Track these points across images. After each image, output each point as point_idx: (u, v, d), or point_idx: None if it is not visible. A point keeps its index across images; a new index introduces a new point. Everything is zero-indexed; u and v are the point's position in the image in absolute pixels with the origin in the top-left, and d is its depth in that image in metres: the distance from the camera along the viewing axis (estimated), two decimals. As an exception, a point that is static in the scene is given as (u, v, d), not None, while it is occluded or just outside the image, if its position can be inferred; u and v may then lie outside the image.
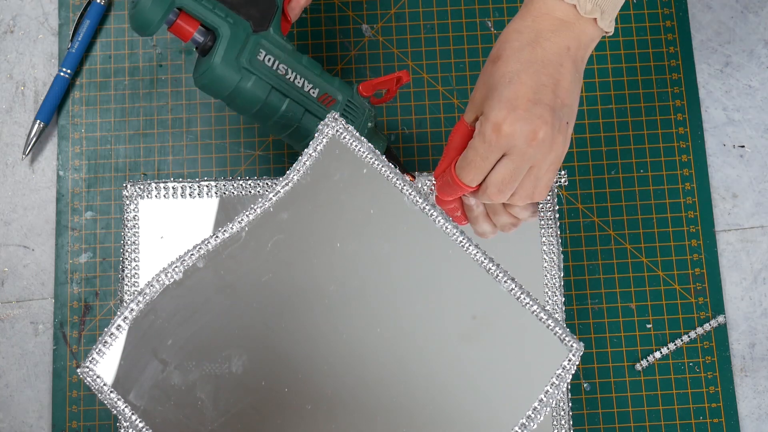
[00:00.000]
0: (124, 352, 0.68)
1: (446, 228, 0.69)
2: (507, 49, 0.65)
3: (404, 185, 0.69)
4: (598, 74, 0.84)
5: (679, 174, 0.82)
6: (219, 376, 0.68)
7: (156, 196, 0.74)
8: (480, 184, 0.66)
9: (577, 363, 0.68)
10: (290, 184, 0.70)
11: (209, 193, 0.74)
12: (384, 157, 0.70)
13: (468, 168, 0.66)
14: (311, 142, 0.70)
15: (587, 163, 0.82)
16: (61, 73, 0.83)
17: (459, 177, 0.66)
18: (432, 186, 0.74)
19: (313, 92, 0.71)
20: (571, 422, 0.73)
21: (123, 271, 0.73)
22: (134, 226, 0.74)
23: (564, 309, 0.73)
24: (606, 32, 0.66)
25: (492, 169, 0.65)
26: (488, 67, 0.66)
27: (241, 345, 0.69)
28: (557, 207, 0.75)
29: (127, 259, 0.73)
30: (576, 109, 0.66)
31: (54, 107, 0.83)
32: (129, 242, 0.73)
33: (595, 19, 0.65)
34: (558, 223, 0.74)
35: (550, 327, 0.68)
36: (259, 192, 0.74)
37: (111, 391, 0.68)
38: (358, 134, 0.70)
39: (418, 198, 0.70)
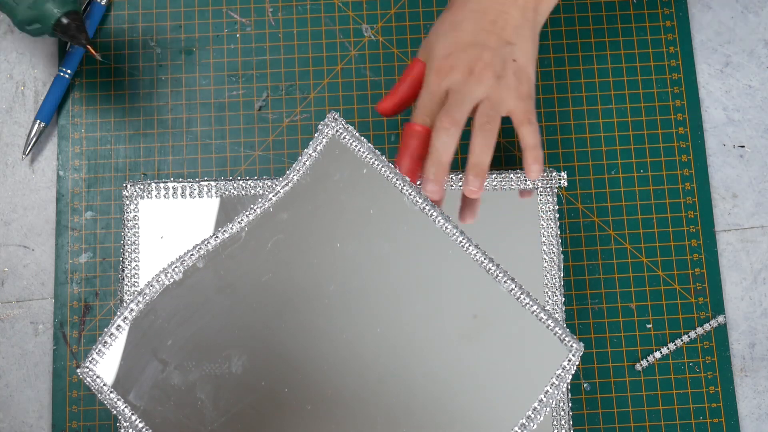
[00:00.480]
0: (124, 353, 0.68)
1: (446, 228, 0.69)
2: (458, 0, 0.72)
3: (404, 185, 0.69)
4: (599, 74, 0.84)
5: (679, 174, 0.82)
6: (219, 376, 0.68)
7: (156, 196, 0.74)
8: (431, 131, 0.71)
9: (577, 363, 0.68)
10: (290, 184, 0.70)
11: (209, 193, 0.74)
12: (384, 157, 0.70)
13: (419, 110, 0.71)
14: (311, 142, 0.70)
15: (587, 163, 0.82)
16: (61, 73, 0.83)
17: (414, 119, 0.71)
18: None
19: None
20: (571, 422, 0.73)
21: (123, 271, 0.73)
22: (134, 226, 0.74)
23: (564, 309, 0.73)
24: None
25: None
26: (442, 14, 0.74)
27: (241, 345, 0.69)
28: (557, 207, 0.75)
29: (127, 259, 0.73)
30: (528, 50, 0.72)
31: (54, 107, 0.83)
32: (129, 242, 0.73)
33: None
34: (558, 223, 0.74)
35: (550, 327, 0.68)
36: (259, 192, 0.74)
37: (111, 391, 0.68)
38: (358, 134, 0.70)
39: (418, 198, 0.70)
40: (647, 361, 0.79)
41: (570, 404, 0.72)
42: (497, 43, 0.70)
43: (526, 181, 0.74)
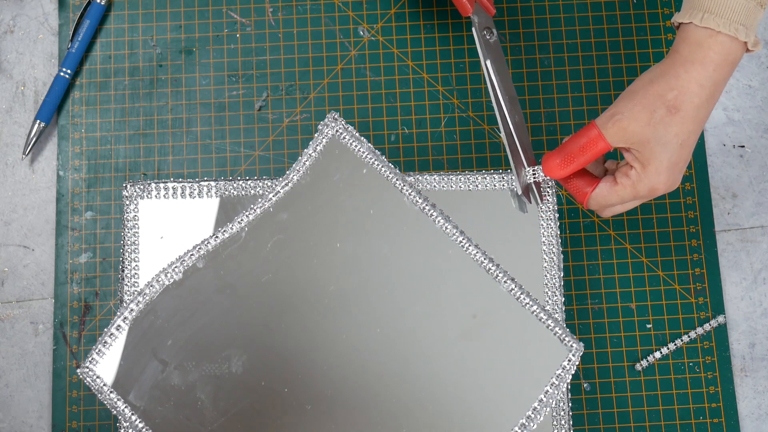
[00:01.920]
0: (124, 353, 0.68)
1: (446, 228, 0.69)
2: (687, 104, 0.64)
3: (404, 185, 0.69)
4: (599, 75, 0.84)
5: (679, 174, 0.82)
6: (219, 376, 0.68)
7: (156, 196, 0.74)
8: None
9: (577, 363, 0.68)
10: (290, 185, 0.70)
11: (209, 193, 0.74)
12: (384, 157, 0.70)
13: (603, 208, 0.69)
14: (311, 142, 0.70)
15: (587, 163, 0.82)
16: (61, 73, 0.83)
17: (589, 204, 0.69)
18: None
19: None
20: (571, 422, 0.73)
21: (123, 271, 0.73)
22: (134, 226, 0.74)
23: (564, 309, 0.73)
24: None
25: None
26: (662, 114, 0.63)
27: (241, 345, 0.69)
28: (557, 207, 0.74)
29: (127, 259, 0.73)
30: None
31: (54, 107, 0.83)
32: (129, 242, 0.73)
33: (746, 43, 0.64)
34: (558, 223, 0.74)
35: (550, 327, 0.68)
36: (259, 192, 0.74)
37: (111, 392, 0.68)
38: (357, 134, 0.70)
39: (418, 198, 0.70)
40: (647, 361, 0.79)
41: (570, 404, 0.72)
42: (692, 146, 0.65)
43: (530, 179, 0.74)
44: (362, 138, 0.70)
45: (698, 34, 0.64)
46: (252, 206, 0.70)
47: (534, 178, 0.72)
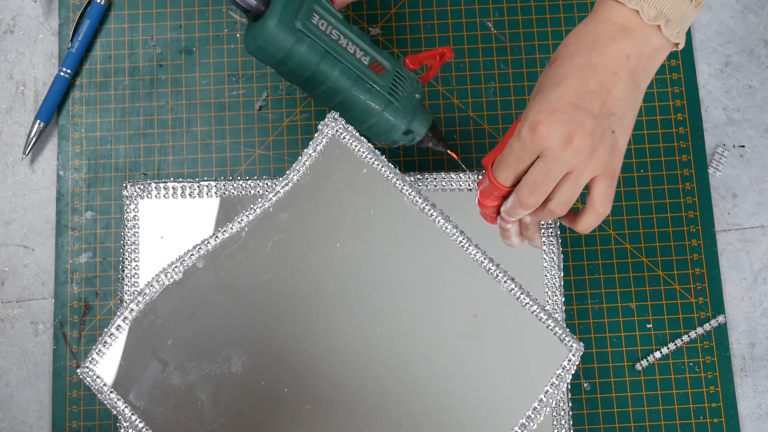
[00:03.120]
0: (124, 352, 0.68)
1: (446, 228, 0.69)
2: (563, 52, 0.64)
3: (404, 185, 0.69)
4: (598, 74, 0.84)
5: (679, 174, 0.82)
6: (219, 376, 0.68)
7: (156, 196, 0.74)
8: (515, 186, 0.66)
9: (577, 363, 0.68)
10: (290, 184, 0.70)
11: (209, 193, 0.74)
12: (384, 157, 0.70)
13: (503, 166, 0.65)
14: (311, 142, 0.70)
15: (587, 163, 0.82)
16: (61, 73, 0.83)
17: (494, 175, 0.66)
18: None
19: (365, 59, 0.69)
20: (571, 422, 0.73)
21: (123, 271, 0.73)
22: (134, 226, 0.74)
23: (564, 309, 0.73)
24: (675, 44, 0.64)
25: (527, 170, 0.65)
26: (545, 69, 0.65)
27: (241, 345, 0.69)
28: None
29: (127, 259, 0.73)
30: (629, 120, 0.64)
31: (54, 107, 0.83)
32: (129, 242, 0.73)
33: (659, 26, 0.63)
34: (558, 223, 0.74)
35: (550, 327, 0.68)
36: (259, 192, 0.74)
37: (111, 391, 0.68)
38: (357, 134, 0.70)
39: (418, 198, 0.70)
40: (647, 361, 0.79)
41: (570, 404, 0.72)
42: (600, 110, 0.62)
43: None
44: (362, 138, 0.70)
45: (602, 2, 0.65)
46: (252, 206, 0.70)
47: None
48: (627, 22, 0.63)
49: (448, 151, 0.74)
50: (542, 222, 0.74)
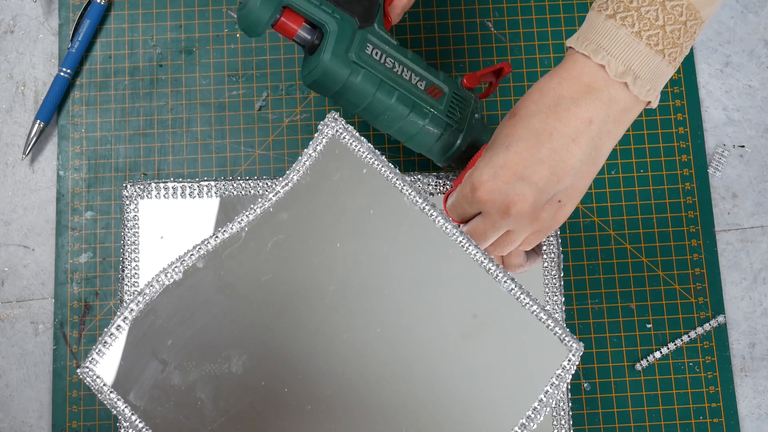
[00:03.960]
0: (124, 353, 0.68)
1: (446, 228, 0.69)
2: (522, 109, 0.61)
3: (404, 185, 0.69)
4: (598, 74, 0.84)
5: (679, 174, 0.82)
6: (219, 376, 0.68)
7: (156, 196, 0.74)
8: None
9: (577, 363, 0.68)
10: (290, 184, 0.70)
11: (209, 193, 0.74)
12: (384, 157, 0.70)
13: (452, 208, 0.68)
14: (311, 142, 0.70)
15: (587, 163, 0.82)
16: (61, 73, 0.83)
17: (447, 210, 0.69)
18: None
19: (421, 84, 0.70)
20: (571, 422, 0.73)
21: (123, 271, 0.73)
22: (134, 226, 0.74)
23: (564, 309, 0.73)
24: (647, 102, 0.60)
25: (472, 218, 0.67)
26: (505, 119, 0.63)
27: (241, 345, 0.69)
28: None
29: (127, 259, 0.73)
30: (582, 188, 0.62)
31: (54, 107, 0.83)
32: (129, 242, 0.73)
33: (626, 84, 0.58)
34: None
35: (550, 327, 0.68)
36: (259, 192, 0.74)
37: (111, 392, 0.68)
38: (358, 134, 0.70)
39: (418, 198, 0.70)
40: (647, 361, 0.79)
41: (570, 404, 0.72)
42: (547, 182, 0.60)
43: None
44: (362, 138, 0.70)
45: (570, 54, 0.61)
46: (252, 206, 0.70)
47: None
48: (593, 80, 0.59)
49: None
50: None
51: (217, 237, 0.70)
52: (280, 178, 0.72)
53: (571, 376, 0.68)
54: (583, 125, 0.59)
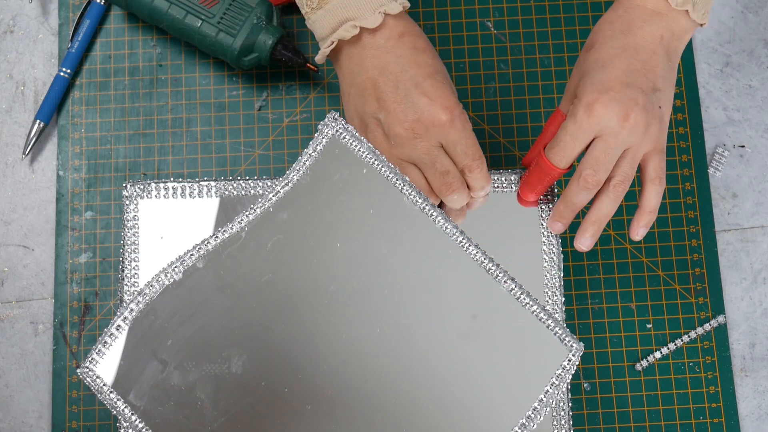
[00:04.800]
0: (124, 353, 0.68)
1: (446, 228, 0.69)
2: (600, 37, 0.68)
3: (404, 185, 0.69)
4: (598, 74, 0.84)
5: (679, 174, 0.82)
6: (219, 376, 0.68)
7: (156, 196, 0.74)
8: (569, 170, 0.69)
9: (577, 363, 0.68)
10: (290, 184, 0.70)
11: (209, 193, 0.74)
12: (384, 157, 0.69)
13: (558, 148, 0.67)
14: (311, 142, 0.70)
15: (587, 163, 0.82)
16: (61, 73, 0.83)
17: (549, 158, 0.68)
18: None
19: None
20: (571, 422, 0.73)
21: (123, 271, 0.73)
22: (134, 226, 0.74)
23: (564, 309, 0.73)
24: (700, 24, 0.67)
25: (586, 151, 0.67)
26: (582, 55, 0.69)
27: (241, 345, 0.69)
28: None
29: (127, 259, 0.73)
30: (671, 96, 0.68)
31: (54, 107, 0.83)
32: (129, 242, 0.73)
33: (687, 10, 0.66)
34: (558, 223, 0.74)
35: (550, 327, 0.68)
36: (259, 192, 0.74)
37: (111, 392, 0.68)
38: (358, 134, 0.70)
39: (418, 198, 0.70)
40: (647, 361, 0.79)
41: (570, 404, 0.72)
42: (647, 87, 0.66)
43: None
44: (362, 138, 0.70)
45: None
46: (252, 206, 0.70)
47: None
48: (656, 7, 0.66)
49: (308, 66, 0.81)
50: (542, 221, 0.74)
51: (217, 237, 0.70)
52: (280, 178, 0.72)
53: (571, 376, 0.68)
54: (657, 40, 0.67)
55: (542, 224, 0.74)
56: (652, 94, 0.66)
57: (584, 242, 0.70)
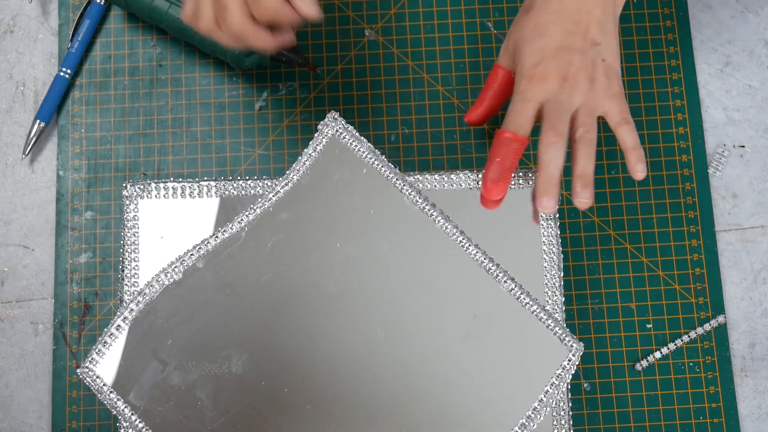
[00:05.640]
0: (124, 353, 0.68)
1: (446, 228, 0.69)
2: (538, 2, 0.71)
3: (404, 185, 0.69)
4: (598, 74, 0.84)
5: (679, 174, 0.82)
6: (219, 376, 0.68)
7: (156, 196, 0.74)
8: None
9: (577, 363, 0.68)
10: (290, 184, 0.70)
11: (209, 193, 0.74)
12: (384, 157, 0.70)
13: (512, 116, 0.70)
14: (311, 142, 0.70)
15: (587, 163, 0.82)
16: (61, 73, 0.83)
17: (505, 127, 0.70)
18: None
19: None
20: (571, 422, 0.73)
21: (123, 271, 0.73)
22: (134, 226, 0.74)
23: (564, 309, 0.73)
24: None
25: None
26: (520, 16, 0.72)
27: (241, 345, 0.69)
28: (557, 207, 0.74)
29: (127, 259, 0.73)
30: (614, 46, 0.71)
31: (54, 107, 0.83)
32: (129, 242, 0.73)
33: None
34: (558, 223, 0.74)
35: (550, 327, 0.68)
36: (259, 192, 0.74)
37: (111, 392, 0.68)
38: (358, 134, 0.70)
39: (418, 198, 0.70)
40: (647, 361, 0.79)
41: (570, 404, 0.72)
42: (584, 45, 0.70)
43: (529, 182, 0.74)
44: (362, 138, 0.70)
45: None
46: (252, 206, 0.70)
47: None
48: None
49: (310, 66, 0.81)
50: (542, 221, 0.74)
51: (217, 237, 0.70)
52: (280, 178, 0.72)
53: (571, 376, 0.68)
54: None
55: (542, 224, 0.74)
56: (589, 50, 0.69)
57: (579, 199, 0.70)
